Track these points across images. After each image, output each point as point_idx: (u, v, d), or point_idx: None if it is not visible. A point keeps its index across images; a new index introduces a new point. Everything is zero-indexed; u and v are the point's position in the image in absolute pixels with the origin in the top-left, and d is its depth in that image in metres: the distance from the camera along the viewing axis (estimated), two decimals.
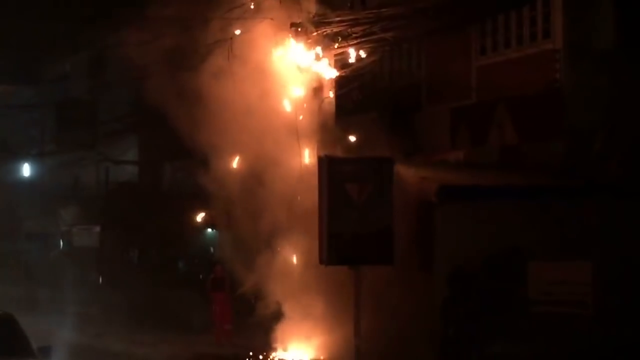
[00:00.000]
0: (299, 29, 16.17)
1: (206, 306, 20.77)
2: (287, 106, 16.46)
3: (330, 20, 16.25)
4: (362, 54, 16.41)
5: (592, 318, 13.84)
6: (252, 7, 16.14)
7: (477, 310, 14.12)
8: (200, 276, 22.01)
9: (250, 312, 17.23)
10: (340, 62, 16.96)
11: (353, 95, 16.89)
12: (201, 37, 16.05)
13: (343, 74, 16.56)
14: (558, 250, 14.05)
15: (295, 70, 16.16)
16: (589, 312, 13.86)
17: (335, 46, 16.52)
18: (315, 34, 16.24)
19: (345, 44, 16.38)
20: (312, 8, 16.23)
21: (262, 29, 16.17)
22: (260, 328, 16.86)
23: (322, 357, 15.44)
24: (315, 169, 15.00)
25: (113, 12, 17.11)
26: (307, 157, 15.89)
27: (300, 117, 16.20)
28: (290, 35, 16.17)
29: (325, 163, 14.94)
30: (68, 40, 18.27)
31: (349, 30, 16.24)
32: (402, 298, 14.26)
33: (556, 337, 13.84)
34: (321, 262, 14.96)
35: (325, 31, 16.29)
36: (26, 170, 32.62)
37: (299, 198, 15.48)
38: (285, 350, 16.00)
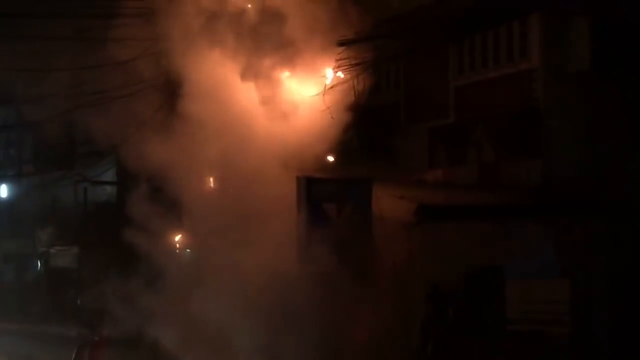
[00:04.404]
0: None
1: None
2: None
3: None
4: (340, 74, 16.43)
5: (570, 336, 13.89)
6: None
7: (455, 328, 14.15)
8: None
9: None
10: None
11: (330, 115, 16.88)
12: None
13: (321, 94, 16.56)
14: (535, 268, 14.11)
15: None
16: (566, 330, 13.90)
17: None
18: None
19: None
20: None
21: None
22: None
23: None
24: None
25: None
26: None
27: None
28: None
29: (303, 183, 14.95)
30: (44, 60, 18.19)
31: None
32: (380, 317, 14.25)
33: (534, 355, 13.87)
34: (298, 280, 14.92)
35: None
36: (3, 191, 32.43)
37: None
38: None
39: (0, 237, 32.63)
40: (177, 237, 17.41)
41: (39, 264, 31.34)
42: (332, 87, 15.90)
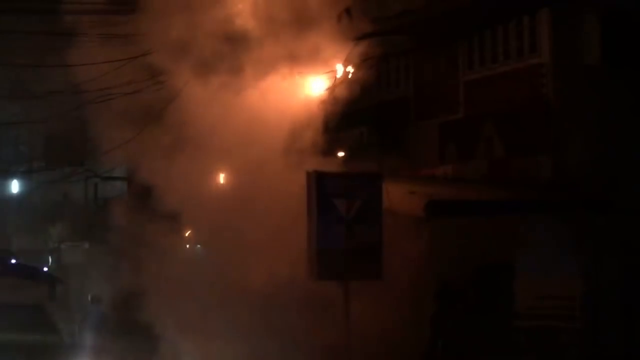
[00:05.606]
0: None
1: None
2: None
3: None
4: (350, 69, 16.43)
5: (580, 332, 13.88)
6: None
7: (465, 324, 14.15)
8: None
9: None
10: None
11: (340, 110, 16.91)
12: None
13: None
14: (546, 264, 14.09)
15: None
16: (576, 326, 13.89)
17: None
18: None
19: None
20: None
21: None
22: None
23: None
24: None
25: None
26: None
27: None
28: None
29: (314, 178, 14.95)
30: (54, 56, 18.25)
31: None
32: (390, 313, 14.25)
33: (544, 351, 13.86)
34: (310, 277, 14.93)
35: None
36: (15, 186, 32.52)
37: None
38: None
39: (11, 233, 32.74)
40: (187, 233, 17.48)
41: (50, 259, 31.43)
42: (341, 83, 15.94)
